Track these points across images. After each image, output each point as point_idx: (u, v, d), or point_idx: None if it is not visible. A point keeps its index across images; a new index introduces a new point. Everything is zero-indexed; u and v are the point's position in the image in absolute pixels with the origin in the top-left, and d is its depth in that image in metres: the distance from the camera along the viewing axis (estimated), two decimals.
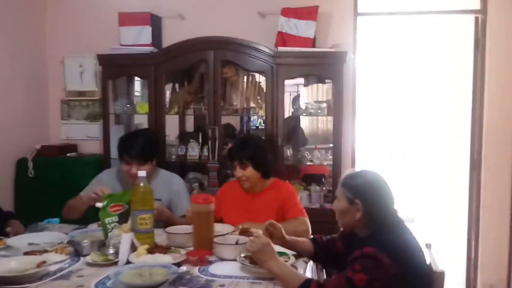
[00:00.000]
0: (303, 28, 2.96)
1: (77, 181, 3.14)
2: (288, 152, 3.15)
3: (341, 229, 1.87)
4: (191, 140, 3.24)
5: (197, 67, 3.20)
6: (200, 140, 3.26)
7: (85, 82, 3.59)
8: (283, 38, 3.00)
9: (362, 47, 3.25)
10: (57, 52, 3.62)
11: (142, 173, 1.97)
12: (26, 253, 1.78)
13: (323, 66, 2.92)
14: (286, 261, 1.74)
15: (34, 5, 3.55)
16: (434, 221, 3.78)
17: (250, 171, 2.31)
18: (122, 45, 3.25)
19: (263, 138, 2.84)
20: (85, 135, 3.65)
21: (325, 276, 2.03)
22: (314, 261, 1.98)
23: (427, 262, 1.66)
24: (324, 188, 3.16)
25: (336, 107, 2.94)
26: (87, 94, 3.63)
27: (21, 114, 3.43)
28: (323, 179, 3.24)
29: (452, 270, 2.96)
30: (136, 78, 3.44)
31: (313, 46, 3.01)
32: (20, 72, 3.43)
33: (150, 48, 3.18)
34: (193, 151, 3.20)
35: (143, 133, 2.55)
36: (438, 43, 3.36)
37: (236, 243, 1.87)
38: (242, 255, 1.76)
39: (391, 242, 1.56)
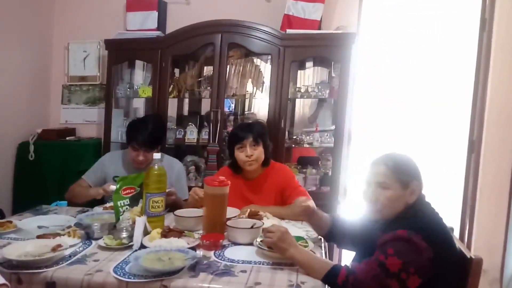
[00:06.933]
0: (310, 10, 2.92)
1: (76, 164, 3.15)
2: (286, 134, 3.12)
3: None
4: (190, 123, 3.22)
5: (202, 51, 3.15)
6: (198, 124, 3.26)
7: (88, 67, 3.61)
8: (289, 21, 2.95)
9: (367, 29, 3.20)
10: (64, 38, 3.63)
11: (157, 155, 1.94)
12: (38, 237, 1.74)
13: (330, 48, 2.88)
14: (306, 246, 1.69)
15: None
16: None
17: (260, 151, 2.25)
18: (128, 30, 3.23)
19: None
20: (83, 119, 3.68)
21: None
22: (327, 240, 1.92)
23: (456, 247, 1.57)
24: (320, 171, 3.13)
25: (342, 90, 2.90)
26: (88, 79, 3.64)
27: (24, 98, 3.45)
28: (319, 162, 3.21)
29: None
30: (138, 62, 3.40)
31: (319, 29, 2.98)
32: (26, 58, 3.43)
33: (157, 33, 3.14)
34: (192, 134, 3.20)
35: (152, 119, 2.50)
36: (444, 23, 3.29)
37: (252, 227, 1.84)
38: (259, 239, 1.71)
39: (426, 225, 1.47)
